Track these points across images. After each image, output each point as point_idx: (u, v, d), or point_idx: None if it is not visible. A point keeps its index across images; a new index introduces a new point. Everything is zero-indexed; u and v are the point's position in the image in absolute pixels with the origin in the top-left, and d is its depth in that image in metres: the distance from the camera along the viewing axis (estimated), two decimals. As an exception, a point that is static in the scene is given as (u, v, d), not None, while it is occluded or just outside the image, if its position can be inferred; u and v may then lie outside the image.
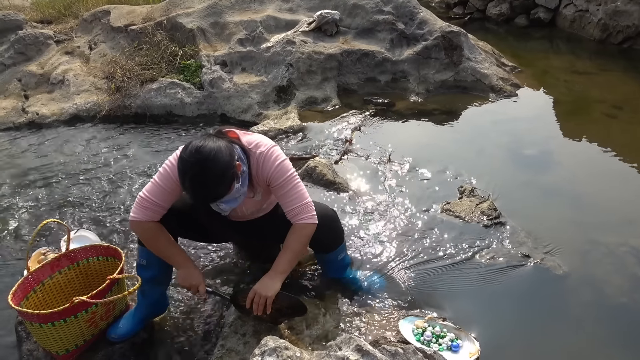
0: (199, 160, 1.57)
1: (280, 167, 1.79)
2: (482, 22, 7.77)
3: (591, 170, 3.44)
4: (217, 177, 1.60)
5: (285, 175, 1.80)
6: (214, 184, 1.60)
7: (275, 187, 1.82)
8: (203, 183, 1.59)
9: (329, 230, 2.00)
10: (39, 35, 5.23)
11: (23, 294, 1.90)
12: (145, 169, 3.46)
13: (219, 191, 1.63)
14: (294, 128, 3.91)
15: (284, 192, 1.82)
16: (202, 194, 1.63)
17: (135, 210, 1.83)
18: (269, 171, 1.79)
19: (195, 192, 1.62)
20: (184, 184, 1.62)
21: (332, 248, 2.12)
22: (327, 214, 2.02)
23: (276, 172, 1.79)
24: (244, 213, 2.00)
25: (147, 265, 1.94)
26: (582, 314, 2.19)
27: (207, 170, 1.58)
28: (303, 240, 1.86)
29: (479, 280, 2.36)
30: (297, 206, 1.83)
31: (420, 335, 1.97)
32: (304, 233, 1.85)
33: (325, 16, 4.82)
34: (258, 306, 1.80)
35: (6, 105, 4.55)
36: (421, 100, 4.55)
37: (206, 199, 1.67)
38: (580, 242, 2.63)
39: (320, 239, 1.96)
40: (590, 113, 4.42)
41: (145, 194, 1.82)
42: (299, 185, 1.85)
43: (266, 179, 1.82)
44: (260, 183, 1.86)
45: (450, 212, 2.85)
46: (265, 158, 1.79)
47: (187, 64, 4.62)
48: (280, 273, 1.85)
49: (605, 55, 5.91)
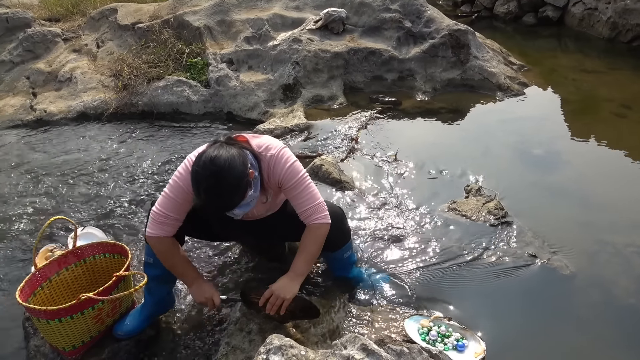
0: (214, 172, 1.57)
1: (291, 169, 1.80)
2: (490, 20, 7.73)
3: (599, 170, 3.41)
4: (232, 187, 1.60)
5: (297, 177, 1.81)
6: (229, 194, 1.60)
7: (288, 189, 1.83)
8: (219, 194, 1.59)
9: (335, 228, 2.00)
10: (47, 33, 5.27)
11: (30, 291, 1.92)
12: (152, 166, 3.48)
13: (234, 201, 1.63)
14: (300, 126, 3.91)
15: (297, 194, 1.83)
16: (218, 205, 1.63)
17: (151, 226, 1.83)
18: (281, 174, 1.80)
19: (211, 203, 1.62)
20: (198, 195, 1.61)
21: (339, 246, 2.12)
22: (335, 211, 2.02)
23: (288, 174, 1.80)
24: (254, 214, 2.01)
25: (154, 263, 1.95)
26: (589, 315, 2.17)
27: (222, 181, 1.57)
28: (319, 241, 1.88)
29: (485, 280, 2.35)
30: (310, 207, 1.84)
31: (426, 334, 1.96)
32: (319, 233, 1.87)
33: (332, 14, 4.81)
34: (272, 306, 1.80)
35: (15, 102, 4.59)
36: (428, 99, 4.53)
37: (221, 209, 1.67)
38: (588, 242, 2.61)
39: (328, 236, 1.96)
40: (599, 112, 4.38)
41: (159, 208, 1.82)
42: (311, 186, 1.86)
43: (278, 182, 1.82)
44: (272, 186, 1.86)
45: (457, 211, 2.83)
46: (277, 161, 1.79)
47: (194, 62, 4.63)
48: (299, 275, 1.85)
49: (614, 53, 5.85)
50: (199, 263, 2.44)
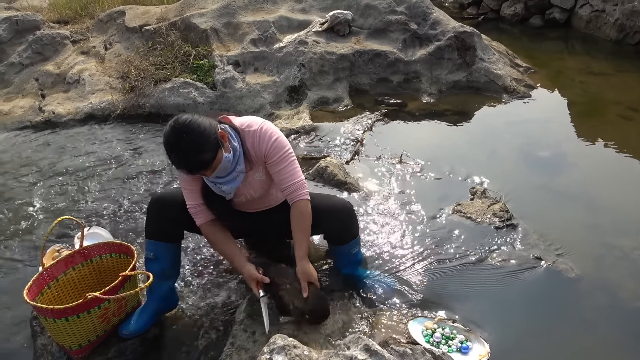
0: (175, 128, 1.64)
1: (276, 143, 1.84)
2: (496, 22, 7.70)
3: (606, 173, 3.39)
4: (196, 143, 1.64)
5: (281, 152, 1.85)
6: (194, 150, 1.64)
7: (272, 163, 1.87)
8: (184, 150, 1.64)
9: (344, 222, 2.03)
10: (56, 36, 5.32)
11: (38, 290, 1.94)
12: (158, 167, 3.50)
13: (203, 157, 1.66)
14: (305, 128, 3.92)
15: (281, 169, 1.87)
16: (182, 160, 1.66)
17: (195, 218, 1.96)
18: (266, 148, 1.84)
19: (180, 161, 1.66)
20: (170, 158, 1.67)
21: (347, 240, 2.13)
22: (344, 205, 2.06)
23: (273, 149, 1.84)
24: (252, 196, 2.00)
25: (155, 258, 1.98)
26: (594, 318, 2.16)
27: (186, 136, 1.63)
28: (308, 217, 1.93)
29: (490, 282, 2.35)
30: (293, 183, 1.89)
31: (430, 336, 1.96)
32: (307, 210, 1.92)
33: (338, 16, 4.82)
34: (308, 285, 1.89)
35: (24, 104, 4.64)
36: (433, 101, 4.53)
37: (191, 166, 1.69)
38: (594, 245, 2.60)
39: (336, 230, 1.99)
40: (606, 115, 4.35)
41: (187, 203, 1.94)
42: (295, 163, 1.91)
43: (263, 155, 1.86)
44: (259, 161, 1.89)
45: (462, 213, 2.83)
46: (261, 135, 1.83)
47: (200, 63, 4.65)
48: (304, 257, 1.92)
49: (621, 56, 5.82)
50: (203, 263, 2.46)
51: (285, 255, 2.42)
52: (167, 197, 2.04)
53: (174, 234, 2.04)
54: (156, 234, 2.00)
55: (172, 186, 3.24)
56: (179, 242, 2.08)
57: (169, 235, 2.01)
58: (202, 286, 2.32)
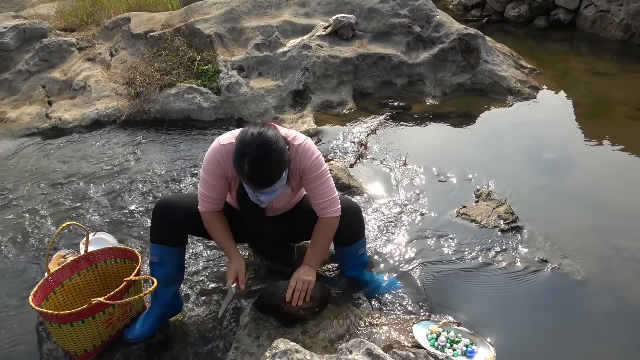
0: (262, 143, 1.65)
1: (316, 161, 1.87)
2: (501, 24, 7.67)
3: (612, 174, 3.36)
4: (276, 160, 1.68)
5: (320, 170, 1.88)
6: (272, 168, 1.68)
7: (308, 179, 1.89)
8: (263, 166, 1.66)
9: (350, 223, 2.04)
10: (62, 43, 5.37)
11: (43, 295, 1.95)
12: (163, 172, 3.52)
13: (274, 177, 1.70)
14: (309, 132, 3.93)
15: (316, 185, 1.90)
16: (260, 177, 1.69)
17: (200, 204, 1.98)
18: (306, 163, 1.86)
19: (253, 174, 1.67)
20: (242, 167, 1.66)
21: (353, 241, 2.13)
22: (351, 206, 2.08)
23: (312, 165, 1.86)
24: (273, 206, 2.04)
25: (160, 262, 1.99)
26: (601, 321, 2.14)
27: (268, 153, 1.65)
28: (331, 235, 1.97)
29: (495, 285, 2.33)
30: (326, 200, 1.93)
31: (435, 340, 1.95)
32: (331, 228, 1.96)
33: (341, 20, 4.83)
34: (300, 292, 1.88)
35: (31, 111, 4.69)
36: (437, 103, 4.52)
37: (262, 183, 1.71)
38: (600, 247, 2.58)
39: (342, 230, 2.00)
40: (612, 115, 4.32)
41: (200, 189, 1.94)
42: (330, 180, 1.94)
43: (301, 171, 1.88)
44: (295, 175, 1.91)
45: (466, 216, 2.82)
46: (304, 150, 1.85)
47: (205, 69, 4.68)
48: (313, 267, 1.95)
49: (627, 56, 5.77)
50: (207, 266, 2.47)
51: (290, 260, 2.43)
52: (172, 202, 2.05)
53: (179, 239, 2.05)
54: (161, 238, 2.00)
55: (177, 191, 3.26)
56: (183, 247, 2.09)
57: (174, 240, 2.02)
58: (206, 290, 2.33)
